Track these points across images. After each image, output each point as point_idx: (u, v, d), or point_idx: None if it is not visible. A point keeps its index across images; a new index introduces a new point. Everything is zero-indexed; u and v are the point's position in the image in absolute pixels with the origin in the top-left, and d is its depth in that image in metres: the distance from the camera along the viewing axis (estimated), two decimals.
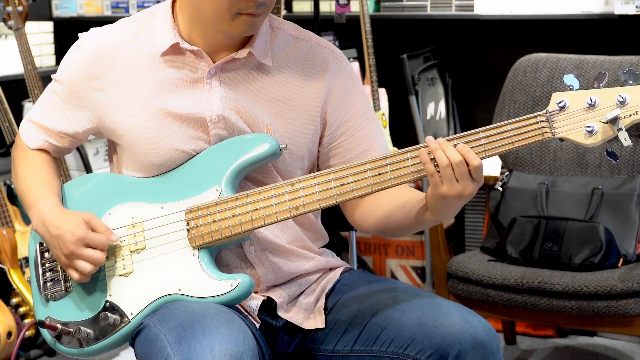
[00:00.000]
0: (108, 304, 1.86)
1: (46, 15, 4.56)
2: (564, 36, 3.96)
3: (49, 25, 4.29)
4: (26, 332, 3.32)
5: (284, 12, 3.86)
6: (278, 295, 1.92)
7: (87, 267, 1.84)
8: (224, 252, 1.90)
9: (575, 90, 1.70)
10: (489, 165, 3.43)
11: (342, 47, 4.09)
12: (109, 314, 1.84)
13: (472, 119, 4.25)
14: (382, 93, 3.91)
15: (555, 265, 2.91)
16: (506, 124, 1.71)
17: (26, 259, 3.40)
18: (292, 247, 1.95)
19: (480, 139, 1.71)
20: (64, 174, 3.61)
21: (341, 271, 2.01)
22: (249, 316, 1.89)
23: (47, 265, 1.94)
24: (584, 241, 2.90)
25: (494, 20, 3.95)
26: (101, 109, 1.92)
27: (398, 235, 1.93)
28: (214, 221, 1.82)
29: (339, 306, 1.91)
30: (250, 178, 1.89)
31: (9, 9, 3.57)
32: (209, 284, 1.80)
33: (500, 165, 3.32)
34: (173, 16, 1.90)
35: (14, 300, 3.35)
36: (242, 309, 1.89)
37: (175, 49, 1.88)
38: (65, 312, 1.91)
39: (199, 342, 1.66)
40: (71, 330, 1.87)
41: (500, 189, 3.17)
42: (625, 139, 1.65)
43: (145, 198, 1.89)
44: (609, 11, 3.66)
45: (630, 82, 1.67)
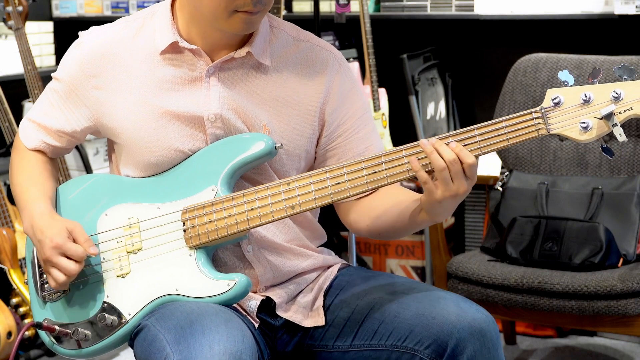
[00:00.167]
0: (105, 304, 1.86)
1: (46, 15, 4.56)
2: (564, 36, 3.96)
3: (49, 25, 4.28)
4: (26, 333, 3.32)
5: (284, 12, 3.85)
6: (277, 295, 1.91)
7: (60, 277, 1.82)
8: (221, 252, 1.90)
9: (570, 86, 1.69)
10: (489, 165, 3.43)
11: (342, 47, 4.09)
12: (106, 315, 1.83)
13: (472, 119, 4.25)
14: (382, 93, 3.91)
15: (555, 265, 2.91)
16: (501, 121, 1.71)
17: (25, 259, 3.40)
18: (290, 246, 1.95)
19: (475, 136, 1.71)
20: (64, 174, 3.60)
21: (338, 268, 2.01)
22: (248, 316, 1.89)
23: None
24: (584, 241, 2.90)
25: (494, 20, 3.94)
26: (99, 108, 1.92)
27: (392, 237, 1.93)
28: (210, 221, 1.82)
29: (338, 303, 1.91)
30: (246, 177, 1.89)
31: (9, 9, 3.57)
32: (205, 284, 1.80)
33: (500, 165, 3.31)
34: (172, 15, 1.90)
35: (14, 300, 3.34)
36: (241, 309, 1.89)
37: (174, 48, 1.88)
38: (62, 314, 1.90)
39: (198, 342, 1.66)
40: (69, 331, 1.87)
41: (500, 189, 3.16)
42: (620, 135, 1.65)
43: (142, 198, 1.89)
44: (609, 11, 3.66)
45: (625, 78, 1.66)
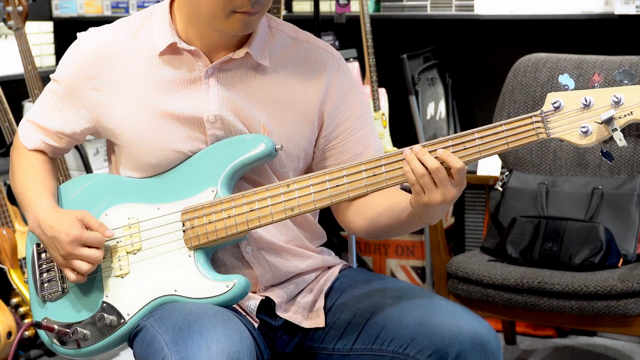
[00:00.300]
0: (105, 304, 1.86)
1: (46, 15, 4.56)
2: (564, 36, 3.96)
3: (49, 25, 4.28)
4: (26, 332, 3.32)
5: (283, 12, 3.85)
6: (276, 295, 1.91)
7: (85, 267, 1.83)
8: (221, 253, 1.90)
9: (571, 91, 1.69)
10: (489, 165, 3.43)
11: (342, 47, 4.09)
12: (105, 315, 1.84)
13: (472, 119, 4.25)
14: (382, 93, 3.91)
15: (555, 265, 2.91)
16: (501, 125, 1.70)
17: (25, 259, 3.40)
18: (290, 247, 1.94)
19: (475, 139, 1.71)
20: (64, 174, 3.60)
21: (339, 269, 2.01)
22: (248, 316, 1.89)
23: (44, 266, 1.94)
24: (584, 241, 2.90)
25: (494, 20, 3.94)
26: (99, 109, 1.92)
27: (387, 237, 1.93)
28: (210, 222, 1.82)
29: (339, 305, 1.91)
30: (246, 178, 1.89)
31: (9, 9, 3.57)
32: (204, 285, 1.80)
33: (500, 165, 3.31)
34: (171, 16, 1.90)
35: (14, 300, 3.34)
36: (241, 309, 1.89)
37: (172, 49, 1.88)
38: (62, 313, 1.91)
39: (196, 342, 1.66)
40: (68, 331, 1.87)
41: (500, 189, 3.16)
42: (620, 140, 1.65)
43: (142, 199, 1.89)
44: (609, 11, 3.66)
45: (626, 82, 1.66)
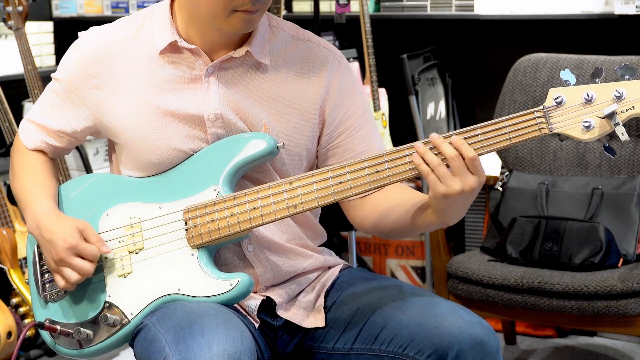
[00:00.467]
0: (107, 304, 1.86)
1: (46, 15, 4.56)
2: (564, 36, 3.96)
3: (49, 25, 4.28)
4: (26, 333, 3.32)
5: (284, 12, 3.86)
6: (277, 295, 1.91)
7: (74, 276, 1.83)
8: (222, 252, 1.89)
9: (572, 86, 1.70)
10: (489, 165, 3.43)
11: (342, 47, 4.09)
12: (108, 315, 1.83)
13: (472, 119, 4.25)
14: (382, 93, 3.91)
15: (555, 265, 2.91)
16: (503, 120, 1.70)
17: (26, 259, 3.40)
18: (291, 246, 1.94)
19: (477, 135, 1.71)
20: (64, 174, 3.60)
21: (339, 269, 2.01)
22: (248, 316, 1.89)
23: (46, 266, 1.93)
24: (584, 241, 2.90)
25: (494, 20, 3.95)
26: (99, 108, 1.92)
27: (400, 237, 1.92)
28: (212, 220, 1.82)
29: (338, 304, 1.91)
30: (248, 177, 1.89)
31: (9, 9, 3.57)
32: (208, 283, 1.80)
33: (500, 165, 3.32)
34: (171, 15, 1.90)
35: (14, 300, 3.34)
36: (241, 309, 1.89)
37: (173, 47, 1.88)
38: (64, 314, 1.90)
39: (197, 342, 1.66)
40: (71, 331, 1.87)
41: (500, 189, 3.16)
42: (622, 134, 1.65)
43: (143, 198, 1.89)
44: (609, 11, 3.66)
45: (627, 77, 1.66)
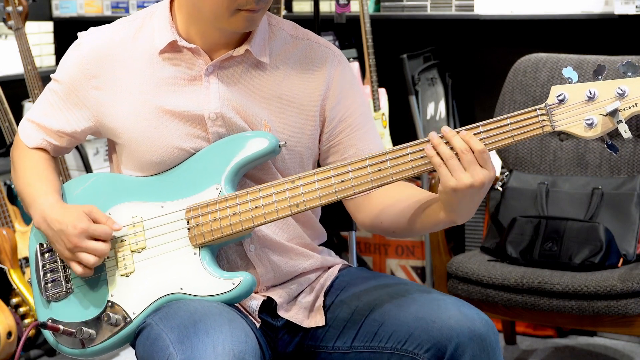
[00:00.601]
0: (110, 304, 1.86)
1: (46, 15, 4.56)
2: (564, 36, 3.96)
3: (49, 25, 4.28)
4: (28, 333, 3.32)
5: (284, 12, 3.86)
6: (278, 295, 1.91)
7: (91, 259, 1.83)
8: (224, 251, 1.90)
9: (575, 83, 1.69)
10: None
11: (342, 47, 4.09)
12: (111, 314, 1.83)
13: (472, 119, 4.25)
14: (382, 93, 3.91)
15: (555, 265, 2.91)
16: (506, 118, 1.70)
17: (26, 259, 3.40)
18: (292, 245, 1.95)
19: (480, 132, 1.70)
20: (64, 173, 3.60)
21: (339, 268, 2.01)
22: (249, 316, 1.89)
23: (48, 266, 1.93)
24: (584, 241, 2.90)
25: (494, 20, 3.95)
26: (100, 108, 1.92)
27: (406, 236, 1.92)
28: (215, 219, 1.82)
29: (338, 303, 1.91)
30: (250, 176, 1.89)
31: (9, 9, 3.57)
32: (210, 282, 1.80)
33: (500, 165, 3.32)
34: (171, 14, 1.90)
35: (14, 300, 3.34)
36: (242, 309, 1.89)
37: (173, 47, 1.88)
38: (67, 313, 1.90)
39: (202, 341, 1.66)
40: (73, 330, 1.87)
41: (500, 189, 3.16)
42: (625, 131, 1.65)
43: (145, 197, 1.89)
44: (609, 11, 3.66)
45: (630, 74, 1.66)
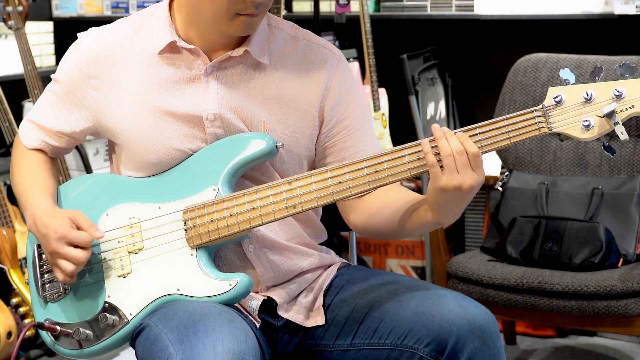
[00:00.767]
0: (107, 304, 1.86)
1: (46, 15, 4.56)
2: (564, 36, 3.96)
3: (49, 25, 4.28)
4: (26, 333, 3.32)
5: (284, 12, 3.86)
6: (278, 295, 1.91)
7: (69, 267, 1.82)
8: (222, 251, 1.89)
9: (572, 85, 1.70)
10: (489, 165, 3.43)
11: (342, 47, 4.09)
12: (108, 315, 1.83)
13: (472, 119, 4.25)
14: (382, 93, 3.91)
15: (555, 265, 2.91)
16: (502, 119, 1.70)
17: (26, 259, 3.40)
18: (291, 245, 1.94)
19: (477, 134, 1.71)
20: (64, 174, 3.60)
21: (338, 267, 2.01)
22: (249, 316, 1.89)
23: (45, 266, 1.93)
24: (584, 241, 2.90)
25: (494, 20, 3.95)
26: (99, 108, 1.92)
27: (394, 237, 1.92)
28: (212, 221, 1.82)
29: (338, 302, 1.91)
30: (248, 176, 1.89)
31: (9, 9, 3.56)
32: (207, 283, 1.80)
33: (500, 165, 3.32)
34: (170, 15, 1.90)
35: (14, 300, 3.34)
36: (242, 309, 1.89)
37: (172, 48, 1.88)
38: (64, 314, 1.90)
39: (202, 341, 1.66)
40: (70, 331, 1.87)
41: (500, 189, 3.16)
42: (622, 133, 1.65)
43: (143, 198, 1.88)
44: (609, 11, 3.66)
45: (627, 76, 1.66)
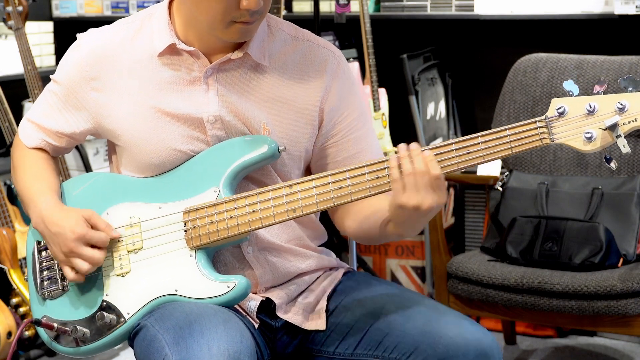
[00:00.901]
0: (105, 303, 1.86)
1: (46, 15, 4.56)
2: (564, 36, 3.96)
3: (49, 25, 4.29)
4: (26, 332, 3.32)
5: (284, 12, 3.85)
6: (277, 296, 1.91)
7: (85, 266, 1.83)
8: (222, 253, 1.89)
9: (575, 97, 1.70)
10: (489, 165, 3.43)
11: (342, 47, 4.09)
12: (105, 314, 1.83)
13: (472, 119, 4.25)
14: (382, 93, 3.91)
15: (555, 265, 2.91)
16: (505, 129, 1.71)
17: (26, 259, 3.40)
18: (290, 246, 1.94)
19: (479, 143, 1.71)
20: (63, 173, 3.60)
21: (343, 272, 2.01)
22: (248, 316, 1.89)
23: (45, 264, 1.94)
24: (584, 241, 2.90)
25: (494, 20, 3.95)
26: (99, 110, 1.92)
27: (374, 243, 1.94)
28: (212, 222, 1.82)
29: (341, 308, 1.91)
30: (249, 178, 1.89)
31: (9, 9, 3.57)
32: (205, 285, 1.80)
33: (500, 165, 3.32)
34: (170, 17, 1.89)
35: (14, 300, 3.34)
36: (241, 309, 1.89)
37: (172, 50, 1.88)
38: (61, 311, 1.90)
39: (197, 342, 1.66)
40: (67, 329, 1.87)
41: (500, 189, 3.16)
42: (624, 146, 1.65)
43: (143, 198, 1.89)
44: (609, 11, 3.66)
45: (630, 89, 1.67)
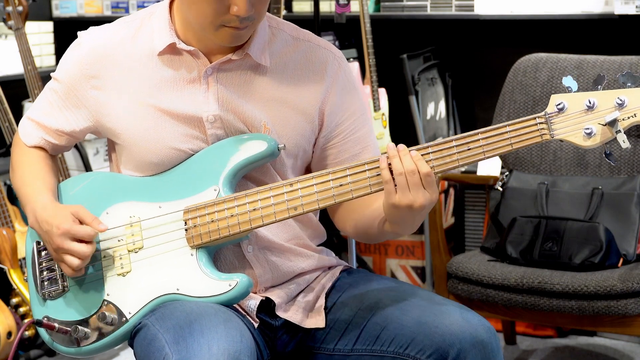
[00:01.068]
0: (106, 303, 1.86)
1: (46, 15, 4.56)
2: (564, 36, 3.96)
3: (49, 25, 4.29)
4: (26, 332, 3.32)
5: (284, 12, 3.85)
6: (276, 295, 1.91)
7: (75, 262, 1.82)
8: (221, 252, 1.89)
9: (574, 92, 1.70)
10: (489, 165, 3.43)
11: (342, 47, 4.09)
12: (106, 314, 1.83)
13: (472, 119, 4.25)
14: (382, 93, 3.91)
15: (555, 265, 2.91)
16: (505, 126, 1.71)
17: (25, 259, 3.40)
18: (290, 246, 1.94)
19: (479, 140, 1.72)
20: (63, 173, 3.60)
21: (340, 270, 2.01)
22: (247, 316, 1.89)
23: (45, 264, 1.93)
24: (584, 241, 2.90)
25: (494, 20, 3.95)
26: (99, 108, 1.92)
27: (374, 242, 1.94)
28: (212, 221, 1.82)
29: (339, 305, 1.91)
30: (248, 177, 1.89)
31: (9, 9, 3.57)
32: (207, 283, 1.80)
33: (500, 165, 3.32)
34: (170, 16, 1.90)
35: (14, 300, 3.34)
36: (241, 309, 1.89)
37: (172, 49, 1.88)
38: (62, 311, 1.90)
39: (197, 342, 1.66)
40: (68, 329, 1.87)
41: (500, 189, 3.16)
42: (623, 141, 1.66)
43: (143, 197, 1.89)
44: (609, 11, 3.66)
45: (629, 85, 1.67)
